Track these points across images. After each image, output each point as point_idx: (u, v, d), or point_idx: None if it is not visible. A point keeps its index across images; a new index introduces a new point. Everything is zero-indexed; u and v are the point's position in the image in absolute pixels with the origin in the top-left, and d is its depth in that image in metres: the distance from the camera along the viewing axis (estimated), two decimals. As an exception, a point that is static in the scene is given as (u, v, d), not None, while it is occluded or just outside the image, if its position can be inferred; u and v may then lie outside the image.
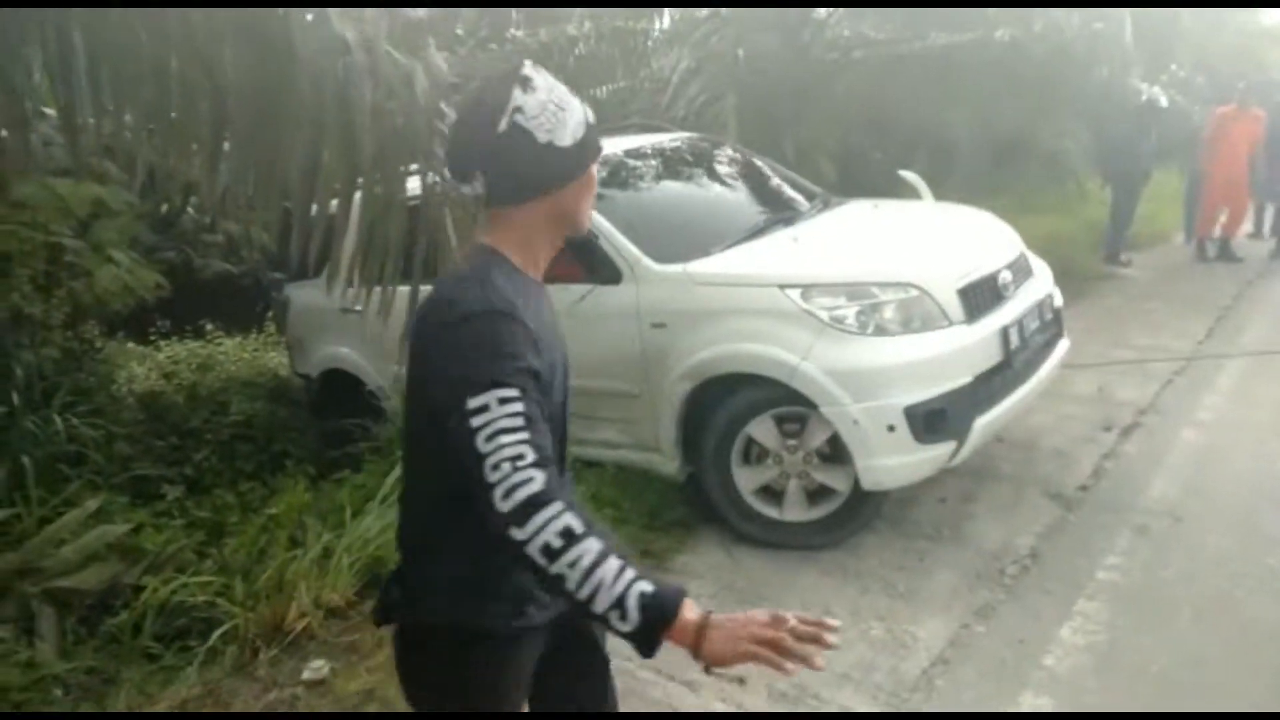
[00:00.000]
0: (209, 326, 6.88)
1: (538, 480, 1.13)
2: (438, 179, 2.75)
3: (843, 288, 3.30)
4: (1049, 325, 3.85)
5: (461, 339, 1.22)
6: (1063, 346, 3.98)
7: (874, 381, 3.15)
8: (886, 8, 8.22)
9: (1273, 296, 7.30)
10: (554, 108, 1.28)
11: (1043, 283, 3.95)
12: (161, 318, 6.64)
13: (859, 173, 8.20)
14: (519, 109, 1.25)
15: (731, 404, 3.42)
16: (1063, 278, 4.42)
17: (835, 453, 3.34)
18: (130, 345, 6.28)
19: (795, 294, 3.28)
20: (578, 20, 7.96)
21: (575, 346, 3.65)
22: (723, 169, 4.71)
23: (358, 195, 2.76)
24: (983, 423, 3.34)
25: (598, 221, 3.75)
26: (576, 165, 1.33)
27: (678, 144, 4.80)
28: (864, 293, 3.28)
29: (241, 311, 7.05)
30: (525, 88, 1.26)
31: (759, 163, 4.89)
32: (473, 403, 1.16)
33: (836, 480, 3.39)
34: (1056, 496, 3.86)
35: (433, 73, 2.48)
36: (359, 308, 3.99)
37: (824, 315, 3.23)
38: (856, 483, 3.30)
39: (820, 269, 3.42)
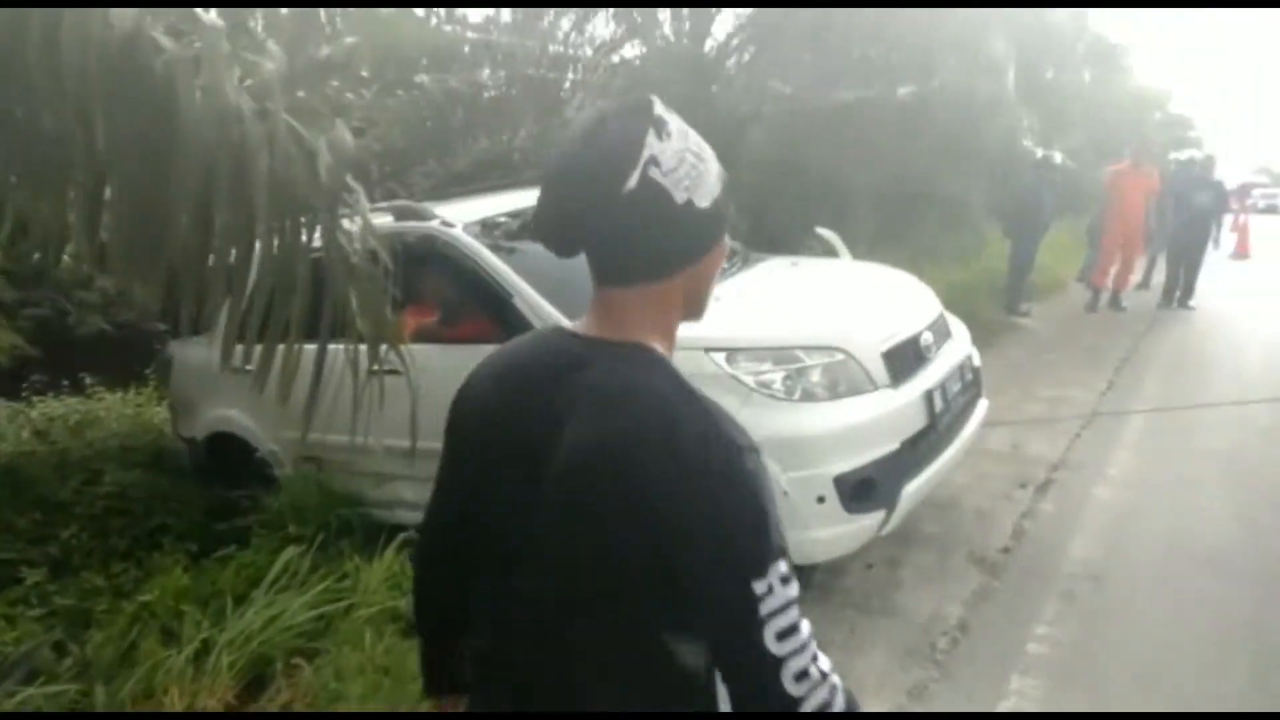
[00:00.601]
0: (89, 381, 6.34)
1: (839, 695, 0.93)
2: (340, 237, 2.52)
3: (768, 351, 3.19)
4: (969, 386, 3.83)
5: (721, 488, 0.92)
6: (982, 407, 3.97)
7: (803, 450, 3.03)
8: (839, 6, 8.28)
9: (1165, 347, 7.62)
10: (693, 158, 1.02)
11: (962, 343, 3.94)
12: (38, 371, 6.09)
13: (769, 225, 8.26)
14: (653, 160, 0.98)
15: None
16: (967, 328, 4.46)
17: None
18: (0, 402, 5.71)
19: (720, 357, 3.15)
20: (490, 69, 7.82)
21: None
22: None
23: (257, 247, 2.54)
24: (911, 489, 3.26)
25: (510, 279, 3.56)
26: (718, 229, 1.07)
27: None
28: (790, 357, 3.17)
29: (124, 365, 6.52)
30: (660, 132, 1.00)
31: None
32: (757, 586, 0.89)
33: None
34: (980, 561, 3.81)
35: (338, 149, 2.26)
36: (250, 367, 3.71)
37: (750, 380, 3.11)
38: None
39: (745, 331, 3.30)
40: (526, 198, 4.45)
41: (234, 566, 3.64)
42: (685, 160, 1.01)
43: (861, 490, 3.07)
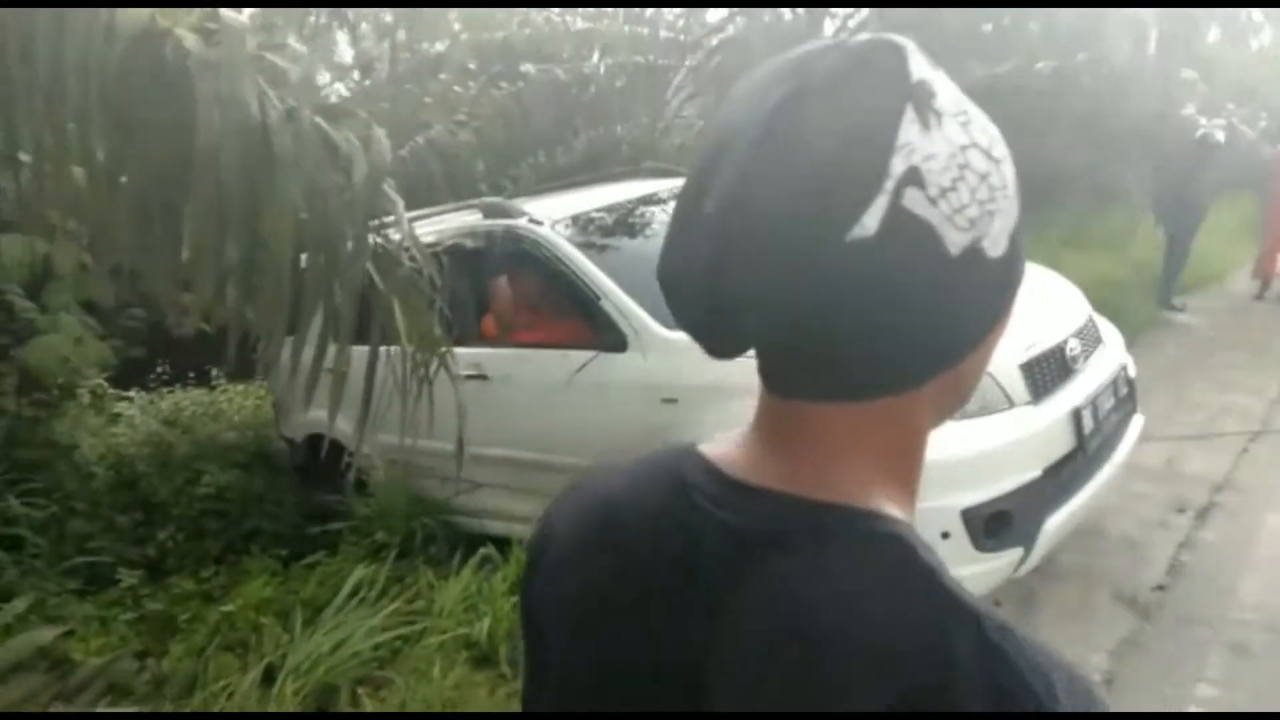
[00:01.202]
0: (215, 373, 6.50)
1: None
2: (381, 242, 2.33)
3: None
4: (1124, 401, 3.31)
5: None
6: (1138, 424, 3.44)
7: (925, 479, 2.63)
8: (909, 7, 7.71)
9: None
10: (980, 161, 0.53)
11: (1115, 351, 3.42)
12: (165, 361, 6.29)
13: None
14: (913, 175, 0.50)
15: None
16: (1114, 325, 3.91)
17: None
18: (132, 393, 5.87)
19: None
20: (598, 58, 7.58)
21: (576, 420, 3.22)
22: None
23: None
24: (1054, 524, 2.81)
25: (599, 279, 3.30)
26: (1011, 292, 0.60)
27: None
28: (910, 369, 2.78)
29: (247, 358, 6.64)
30: (924, 115, 0.51)
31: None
32: None
33: None
34: (1130, 601, 3.30)
35: (376, 156, 2.04)
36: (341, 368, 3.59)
37: (862, 396, 2.73)
38: None
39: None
40: (622, 191, 4.18)
41: (319, 574, 3.55)
42: (968, 168, 0.52)
43: (995, 525, 2.65)
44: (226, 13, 1.79)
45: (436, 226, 3.98)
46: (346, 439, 4.33)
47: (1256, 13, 7.31)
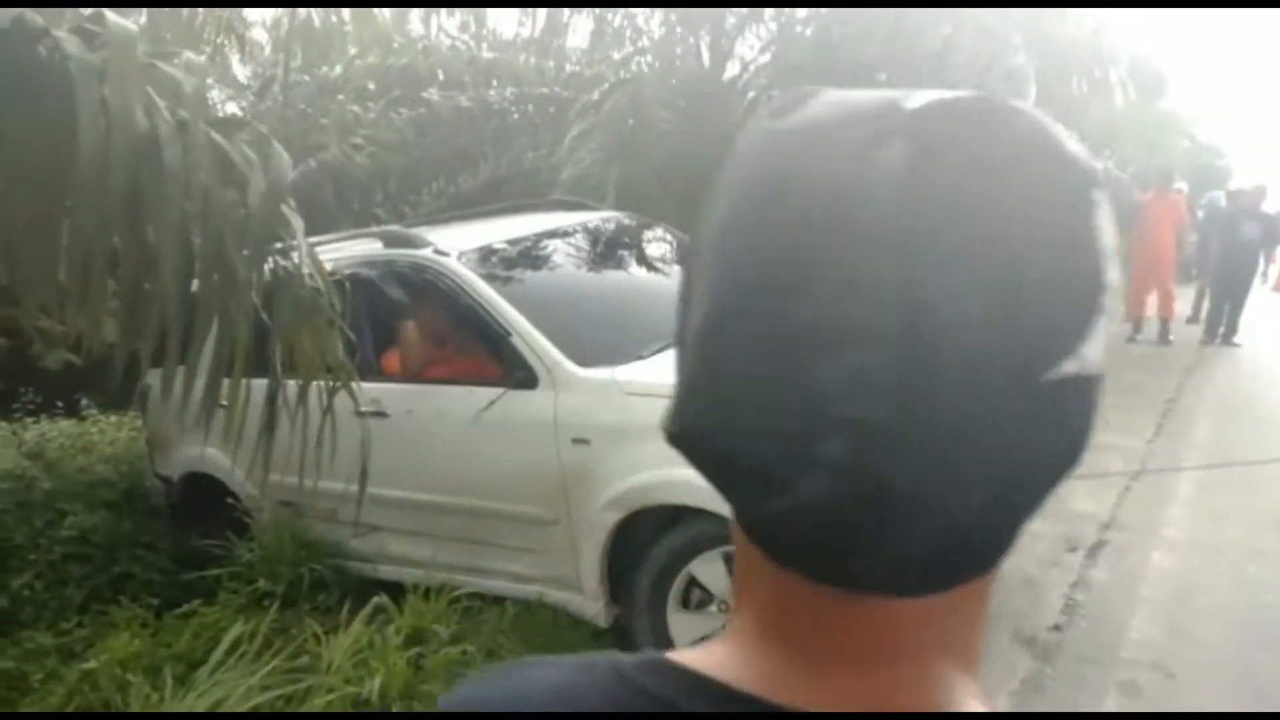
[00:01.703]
0: (84, 403, 6.00)
1: None
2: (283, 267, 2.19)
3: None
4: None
5: None
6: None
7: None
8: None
9: (1214, 389, 7.17)
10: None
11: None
12: (32, 391, 5.77)
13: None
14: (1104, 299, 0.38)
15: (670, 539, 2.86)
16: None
17: None
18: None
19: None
20: (498, 86, 7.49)
21: (481, 461, 3.09)
22: (654, 255, 4.21)
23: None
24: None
25: (509, 314, 3.19)
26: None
27: (603, 225, 4.29)
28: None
29: (124, 387, 6.17)
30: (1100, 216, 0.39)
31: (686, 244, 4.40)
32: None
33: None
34: (1030, 641, 3.37)
35: (274, 172, 1.90)
36: (224, 402, 3.36)
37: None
38: None
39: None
40: (529, 223, 4.09)
41: (195, 625, 3.28)
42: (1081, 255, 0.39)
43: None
44: (113, 16, 1.63)
45: (333, 254, 3.79)
46: (229, 477, 4.07)
47: (1115, 75, 7.84)
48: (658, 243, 4.32)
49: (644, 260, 4.07)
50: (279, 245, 2.20)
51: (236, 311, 2.20)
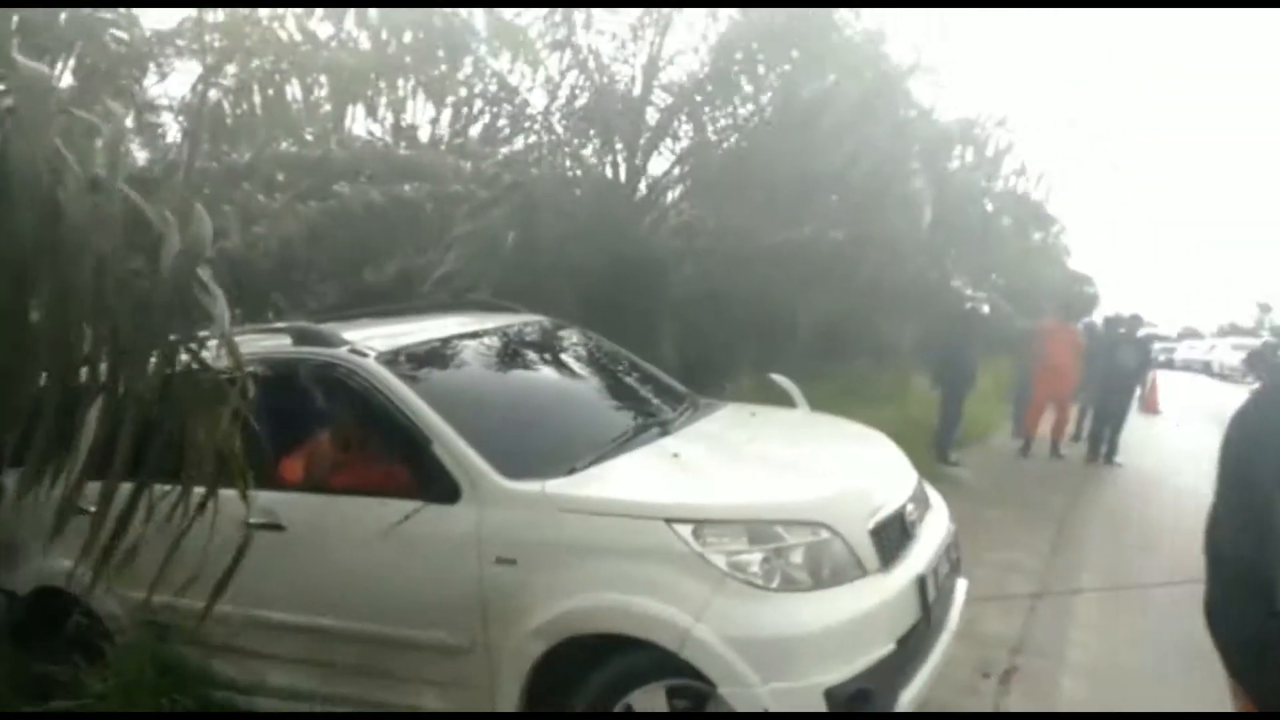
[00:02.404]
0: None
1: None
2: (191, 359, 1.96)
3: (744, 525, 2.65)
4: (955, 566, 3.36)
5: None
6: (962, 587, 3.49)
7: (789, 655, 2.47)
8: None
9: (1102, 507, 7.44)
10: None
11: (942, 514, 3.50)
12: None
13: (698, 362, 7.93)
14: None
15: (608, 670, 2.63)
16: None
17: None
18: None
19: (686, 531, 2.59)
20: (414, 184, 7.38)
21: (390, 580, 2.80)
22: (576, 360, 4.08)
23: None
24: (907, 698, 2.71)
25: (432, 421, 2.97)
26: None
27: (525, 329, 4.14)
28: (768, 533, 2.64)
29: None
30: None
31: (616, 352, 4.31)
32: None
33: None
34: None
35: (195, 234, 1.70)
36: (92, 508, 2.98)
37: (722, 562, 2.55)
38: None
39: (715, 498, 2.77)
40: (446, 324, 3.90)
41: None
42: None
43: (856, 703, 2.50)
44: (24, 61, 1.43)
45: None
46: (91, 594, 3.59)
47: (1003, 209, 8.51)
48: (581, 348, 4.20)
49: (564, 364, 3.92)
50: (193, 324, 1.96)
51: (127, 401, 1.93)
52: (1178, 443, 10.95)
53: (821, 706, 2.43)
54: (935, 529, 3.28)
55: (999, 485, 7.96)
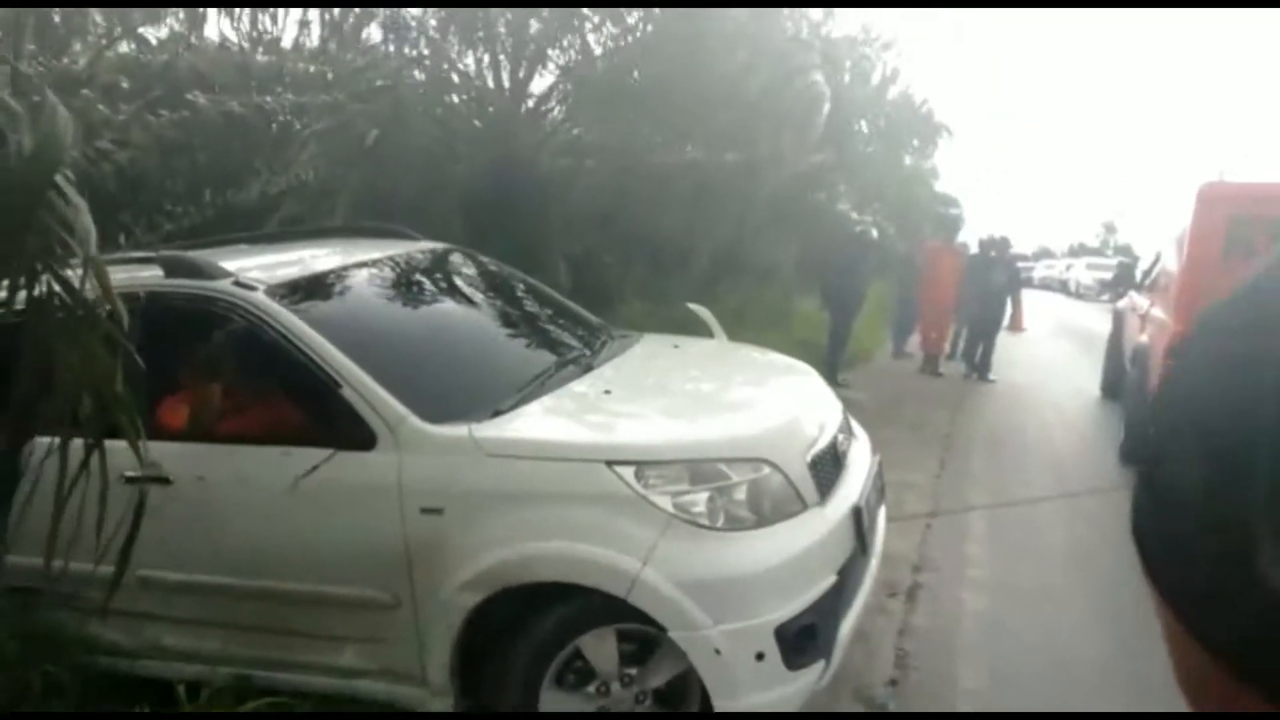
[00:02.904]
0: None
1: None
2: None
3: (685, 465, 2.54)
4: (881, 495, 3.38)
5: None
6: (882, 514, 3.53)
7: (739, 595, 2.40)
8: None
9: (982, 423, 7.81)
10: None
11: (864, 443, 3.50)
12: None
13: (588, 283, 7.73)
14: None
15: (550, 617, 2.51)
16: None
17: (672, 696, 2.54)
18: None
19: (628, 473, 2.46)
20: (276, 92, 6.71)
21: (300, 535, 2.57)
22: (483, 291, 3.82)
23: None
24: (846, 629, 2.72)
25: (338, 361, 2.70)
26: None
27: (426, 256, 3.83)
28: (711, 472, 2.54)
29: None
30: None
31: (522, 281, 4.07)
32: None
33: None
34: (869, 700, 3.31)
35: (49, 139, 1.41)
36: None
37: (667, 504, 2.44)
38: None
39: (654, 438, 2.64)
40: (335, 253, 3.55)
41: None
42: None
43: (803, 639, 2.48)
44: None
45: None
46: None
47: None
48: (486, 277, 3.93)
49: (470, 296, 3.66)
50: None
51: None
52: (1044, 359, 11.66)
53: (771, 644, 2.39)
54: (862, 458, 3.27)
55: (887, 406, 8.22)
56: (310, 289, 3.07)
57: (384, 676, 2.73)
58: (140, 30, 6.11)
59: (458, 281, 3.75)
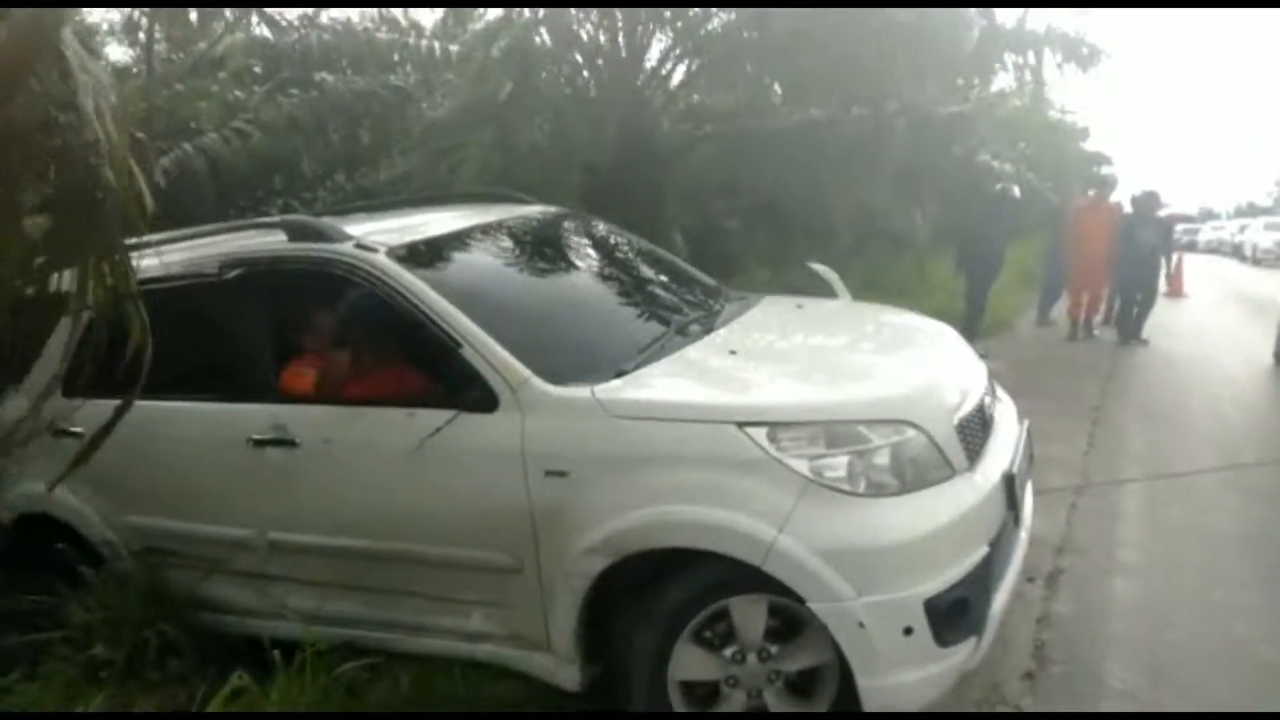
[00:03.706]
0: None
1: None
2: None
3: (821, 426, 2.36)
4: (1032, 461, 3.10)
5: None
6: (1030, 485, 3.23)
7: (884, 565, 2.21)
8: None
9: (1134, 394, 7.24)
10: None
11: (1010, 408, 3.22)
12: None
13: (708, 252, 7.53)
14: None
15: (681, 585, 2.38)
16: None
17: (808, 687, 2.40)
18: None
19: (760, 434, 2.30)
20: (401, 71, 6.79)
21: (423, 499, 2.50)
22: (603, 254, 3.72)
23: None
24: (999, 604, 2.49)
25: (460, 322, 2.64)
26: None
27: (546, 221, 3.76)
28: (850, 435, 2.35)
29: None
30: None
31: (641, 245, 3.94)
32: None
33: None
34: (1003, 698, 2.98)
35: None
36: (78, 429, 2.68)
37: (804, 467, 2.27)
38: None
39: (787, 398, 2.47)
40: (453, 218, 3.50)
41: (5, 707, 2.66)
42: None
43: (955, 614, 2.27)
44: None
45: (218, 249, 3.14)
46: (80, 520, 3.33)
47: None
48: (606, 240, 3.83)
49: (599, 261, 3.56)
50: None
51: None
52: (1208, 326, 10.72)
53: (921, 618, 2.20)
54: (1010, 423, 3.00)
55: (1029, 376, 7.68)
56: (430, 251, 3.03)
57: (509, 641, 2.69)
58: (269, 11, 6.35)
59: (575, 244, 3.66)
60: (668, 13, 7.30)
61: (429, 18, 7.83)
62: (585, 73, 7.32)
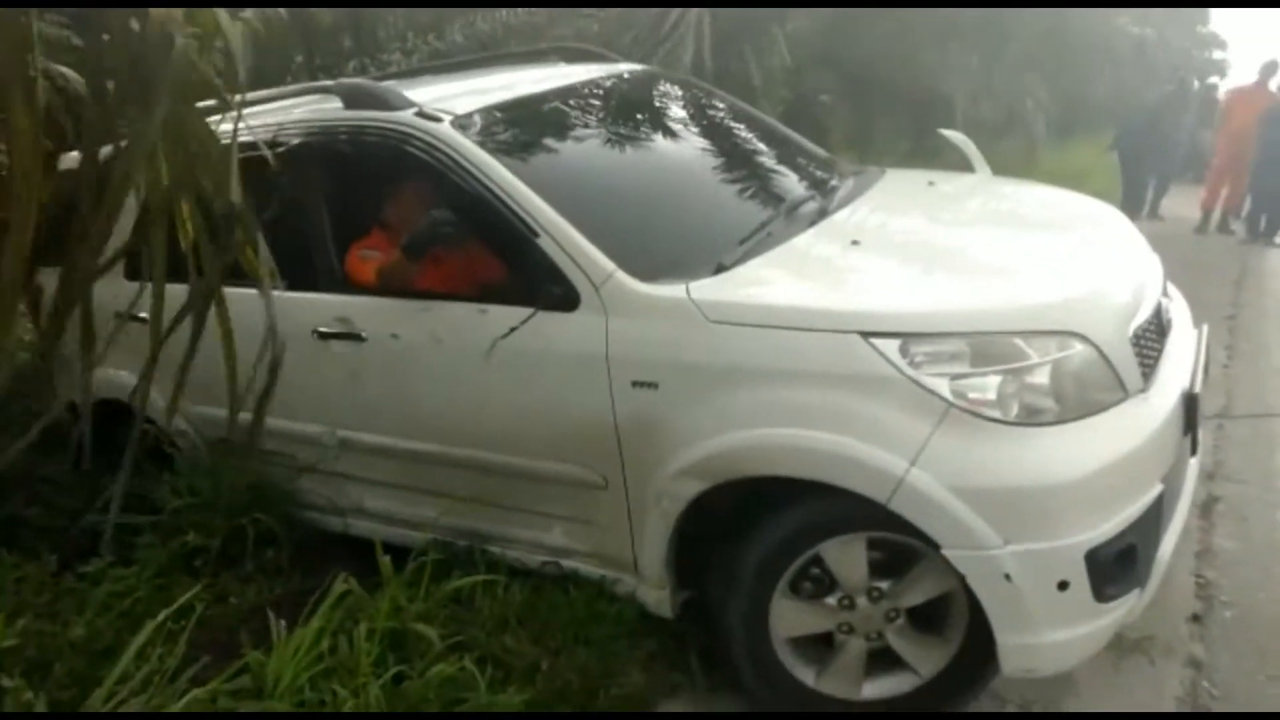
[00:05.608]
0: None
1: None
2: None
3: (967, 339, 1.94)
4: (1207, 375, 2.62)
5: None
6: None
7: (1039, 507, 1.84)
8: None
9: (1271, 300, 6.51)
10: None
11: (1183, 308, 2.73)
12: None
13: (811, 122, 6.91)
14: None
15: (790, 517, 2.06)
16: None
17: (934, 617, 2.06)
18: None
19: (890, 347, 1.90)
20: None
21: (496, 404, 2.08)
22: (700, 122, 3.25)
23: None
24: (1166, 550, 2.11)
25: (537, 207, 2.28)
26: None
27: (630, 81, 3.30)
28: (1003, 349, 1.94)
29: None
30: None
31: (742, 109, 3.46)
32: None
33: (921, 655, 2.11)
34: (1168, 650, 2.58)
35: None
36: (144, 314, 2.47)
37: (944, 388, 1.88)
38: (946, 667, 2.08)
39: (924, 304, 2.05)
40: (526, 78, 3.07)
41: (102, 595, 2.50)
42: None
43: (1120, 565, 1.90)
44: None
45: (271, 118, 2.81)
46: (151, 408, 3.17)
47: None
48: (702, 105, 3.35)
49: (695, 130, 3.10)
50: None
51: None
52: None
53: (1080, 571, 1.84)
54: (1185, 328, 2.53)
55: (1177, 271, 7.03)
56: (503, 120, 2.64)
57: (593, 559, 2.45)
58: None
59: (668, 111, 3.21)
60: None
61: None
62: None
